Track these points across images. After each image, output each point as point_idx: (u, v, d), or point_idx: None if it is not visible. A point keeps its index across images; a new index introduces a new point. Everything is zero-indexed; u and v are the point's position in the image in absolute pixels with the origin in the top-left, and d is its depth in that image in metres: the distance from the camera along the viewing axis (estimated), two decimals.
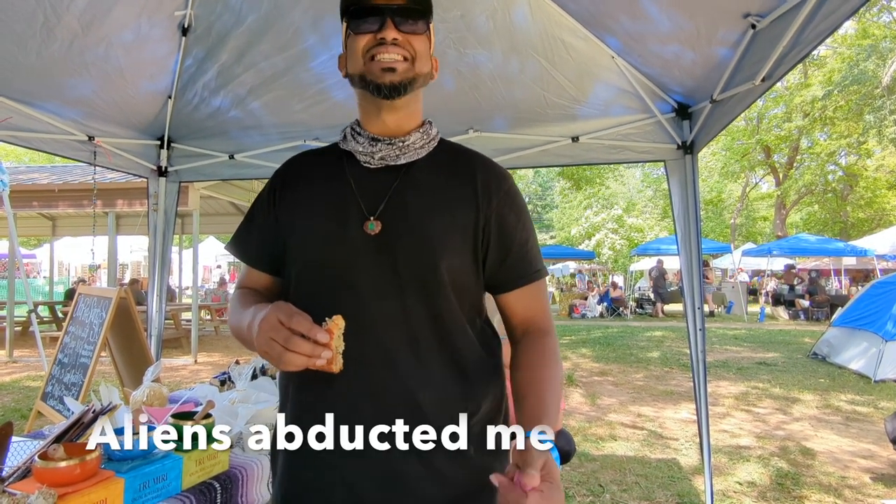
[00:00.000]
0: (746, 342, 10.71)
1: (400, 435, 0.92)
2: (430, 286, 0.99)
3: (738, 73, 2.31)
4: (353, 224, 1.00)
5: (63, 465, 1.33)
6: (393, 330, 0.98)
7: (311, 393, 1.01)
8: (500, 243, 1.05)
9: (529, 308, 1.08)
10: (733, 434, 4.89)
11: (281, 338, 0.81)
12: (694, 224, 3.07)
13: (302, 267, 1.04)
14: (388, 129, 1.05)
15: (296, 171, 1.13)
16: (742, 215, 28.04)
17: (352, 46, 1.02)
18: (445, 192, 1.04)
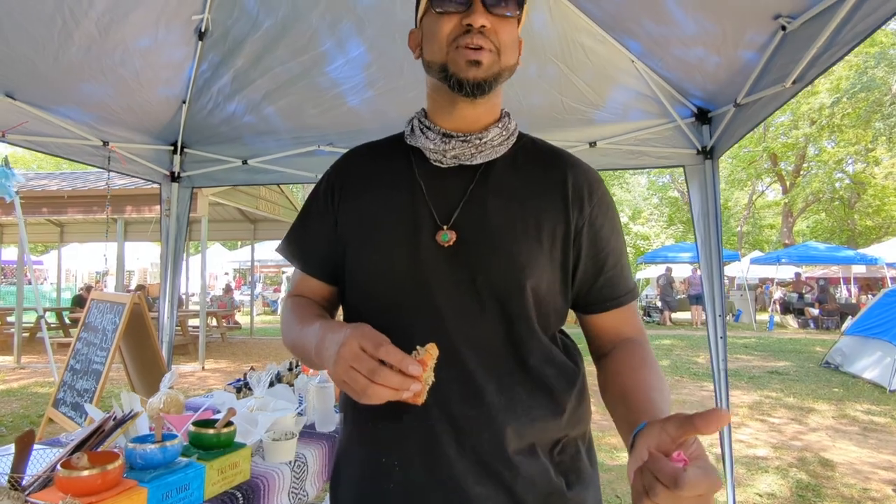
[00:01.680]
0: (757, 351, 10.60)
1: (478, 468, 0.84)
2: (512, 307, 0.88)
3: (764, 77, 2.27)
4: (424, 234, 0.89)
5: (86, 473, 1.29)
6: (470, 354, 0.86)
7: (382, 422, 0.90)
8: (592, 260, 0.93)
9: (621, 329, 0.97)
10: (749, 444, 4.81)
11: (366, 369, 0.70)
12: (714, 230, 3.03)
13: (366, 281, 0.93)
14: (464, 125, 0.92)
15: (357, 168, 1.00)
16: (749, 223, 27.93)
17: (432, 28, 0.88)
18: (530, 197, 0.91)
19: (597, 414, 4.06)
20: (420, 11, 0.93)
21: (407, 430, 0.87)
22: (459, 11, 0.85)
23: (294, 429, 1.99)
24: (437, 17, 0.87)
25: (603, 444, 4.68)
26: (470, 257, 0.88)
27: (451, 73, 0.86)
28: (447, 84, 0.88)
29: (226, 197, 8.91)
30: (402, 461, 0.87)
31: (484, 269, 0.87)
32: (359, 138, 3.53)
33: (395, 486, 0.87)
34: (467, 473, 0.84)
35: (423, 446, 0.86)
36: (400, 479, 0.87)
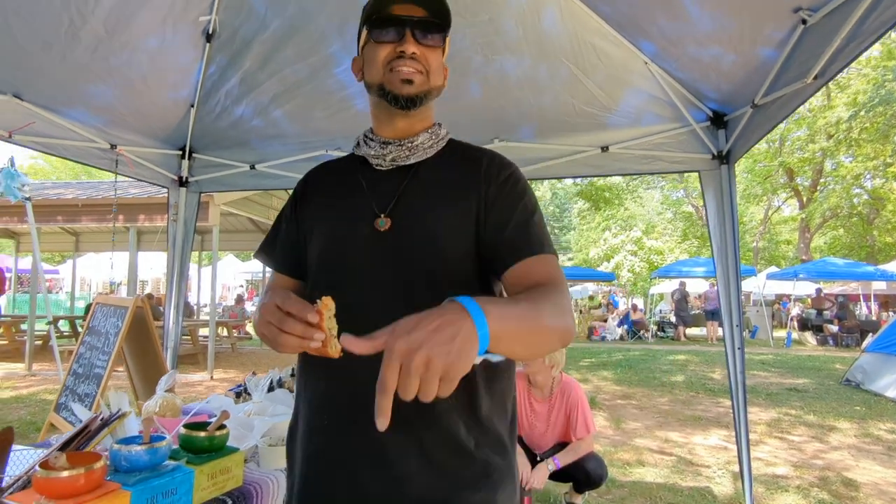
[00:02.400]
0: (774, 367, 10.33)
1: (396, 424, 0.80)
2: (437, 278, 0.99)
3: (783, 74, 2.19)
4: (365, 222, 1.03)
5: (65, 474, 1.23)
6: None
7: (322, 384, 1.03)
8: (496, 223, 1.02)
9: (533, 277, 0.96)
10: (768, 462, 4.62)
11: (276, 320, 0.82)
12: (731, 238, 2.93)
13: (316, 264, 1.08)
14: (399, 133, 1.09)
15: (314, 180, 1.19)
16: (765, 238, 27.52)
17: (371, 55, 1.05)
18: (451, 185, 1.06)
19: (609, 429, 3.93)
20: (361, 42, 1.10)
21: (337, 390, 1.00)
22: (394, 41, 1.02)
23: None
24: (376, 46, 1.04)
25: (615, 460, 4.53)
26: (402, 238, 1.01)
27: (388, 91, 1.03)
28: (385, 100, 1.04)
29: (237, 207, 8.94)
30: (330, 415, 1.00)
31: (411, 246, 1.01)
32: None
33: (326, 435, 1.01)
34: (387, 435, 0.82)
35: (350, 404, 0.97)
36: (330, 430, 1.00)
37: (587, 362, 10.71)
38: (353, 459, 0.97)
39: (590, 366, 10.20)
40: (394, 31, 1.02)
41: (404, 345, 0.63)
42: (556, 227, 42.95)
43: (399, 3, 1.02)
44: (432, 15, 1.03)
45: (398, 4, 1.02)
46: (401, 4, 1.02)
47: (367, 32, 1.06)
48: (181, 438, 1.60)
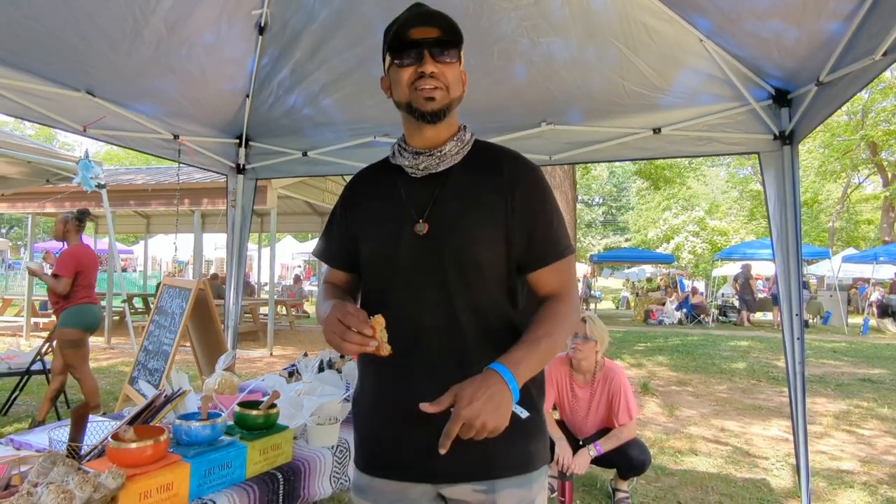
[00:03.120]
0: (847, 356, 9.74)
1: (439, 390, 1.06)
2: (469, 275, 1.16)
3: (851, 50, 2.04)
4: (406, 227, 1.19)
5: (134, 446, 1.35)
6: (440, 314, 1.16)
7: (377, 369, 1.22)
8: (525, 227, 1.19)
9: (553, 284, 1.22)
10: (833, 456, 4.41)
11: (339, 331, 1.05)
12: (792, 223, 2.78)
13: (368, 265, 1.26)
14: (428, 142, 1.21)
15: (360, 186, 1.36)
16: (842, 218, 25.72)
17: (396, 77, 1.18)
18: (478, 190, 1.20)
19: (661, 416, 3.86)
20: (386, 64, 1.23)
21: (398, 371, 1.19)
22: (414, 63, 1.15)
23: (339, 414, 2.02)
24: (398, 69, 1.17)
25: (667, 448, 4.46)
26: (439, 241, 1.17)
27: (415, 108, 1.16)
28: (413, 116, 1.18)
29: (294, 190, 9.24)
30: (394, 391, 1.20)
31: (447, 248, 1.16)
32: None
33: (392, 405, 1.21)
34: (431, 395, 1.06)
35: (407, 381, 1.18)
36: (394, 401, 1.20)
37: (642, 347, 10.47)
38: (412, 420, 1.12)
39: (645, 350, 9.97)
40: (413, 54, 1.14)
41: (468, 413, 0.95)
42: (614, 206, 41.77)
43: (415, 27, 1.14)
44: (445, 34, 1.15)
45: (414, 28, 1.14)
46: (417, 28, 1.14)
47: (390, 57, 1.19)
48: (236, 416, 1.71)
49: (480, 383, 1.00)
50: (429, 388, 1.09)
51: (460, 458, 1.11)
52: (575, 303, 1.23)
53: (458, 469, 1.15)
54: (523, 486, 1.18)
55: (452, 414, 0.97)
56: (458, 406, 0.96)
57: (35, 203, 9.01)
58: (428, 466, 1.16)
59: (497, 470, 1.16)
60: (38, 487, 1.21)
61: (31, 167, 5.35)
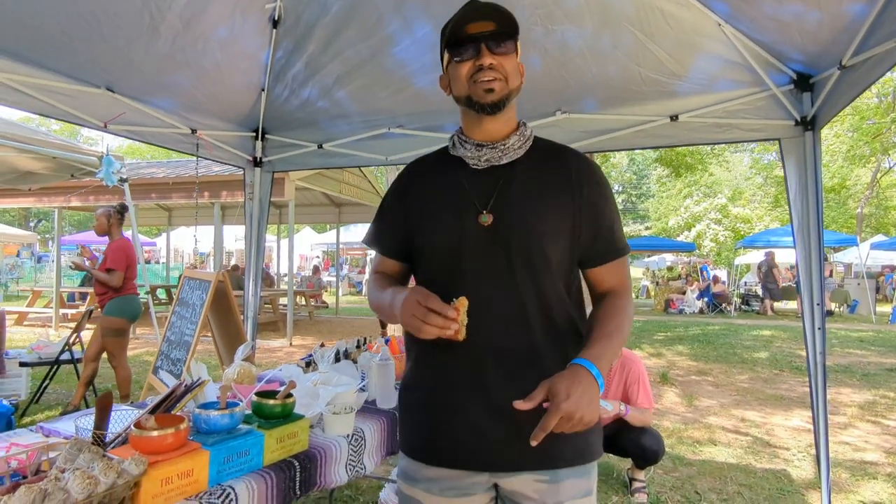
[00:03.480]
0: (874, 346, 9.53)
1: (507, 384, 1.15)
2: (536, 266, 1.18)
3: (875, 32, 1.98)
4: (470, 218, 1.20)
5: (155, 434, 1.39)
6: (506, 303, 1.18)
7: (438, 354, 1.22)
8: (591, 225, 1.22)
9: (613, 280, 1.27)
10: (856, 447, 4.34)
11: (420, 314, 1.07)
12: (814, 211, 2.72)
13: (429, 255, 1.26)
14: (490, 136, 1.23)
15: (416, 175, 1.35)
16: (871, 204, 25.01)
17: (455, 73, 1.20)
18: (544, 184, 1.22)
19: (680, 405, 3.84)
20: (445, 62, 1.25)
21: (459, 358, 1.19)
22: (472, 57, 1.17)
23: (354, 403, 2.05)
24: (457, 64, 1.19)
25: (685, 438, 4.43)
26: (503, 231, 1.18)
27: (475, 101, 1.18)
28: (473, 109, 1.20)
29: (311, 181, 9.31)
30: (454, 378, 1.20)
31: (514, 238, 1.18)
32: (428, 120, 3.53)
33: (450, 393, 1.21)
34: (499, 388, 1.15)
35: (469, 369, 1.19)
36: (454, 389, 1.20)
37: (661, 336, 10.38)
38: (472, 408, 1.18)
39: (664, 340, 9.88)
40: (471, 49, 1.17)
41: (568, 406, 0.99)
42: (634, 194, 41.21)
43: (472, 21, 1.16)
44: (501, 26, 1.16)
45: (471, 24, 1.16)
46: (473, 23, 1.16)
47: (449, 54, 1.21)
48: (253, 405, 1.75)
49: (573, 378, 1.03)
50: (496, 378, 1.15)
51: (524, 448, 1.11)
52: (632, 299, 1.28)
53: (521, 458, 1.16)
54: (583, 476, 1.20)
55: (551, 407, 1.00)
56: (557, 400, 1.00)
57: (61, 197, 9.24)
58: (489, 455, 1.17)
59: (560, 460, 1.17)
60: (65, 473, 1.26)
61: (56, 162, 5.48)
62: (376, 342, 2.68)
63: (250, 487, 1.53)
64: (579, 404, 0.99)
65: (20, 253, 26.57)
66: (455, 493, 1.21)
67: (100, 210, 4.56)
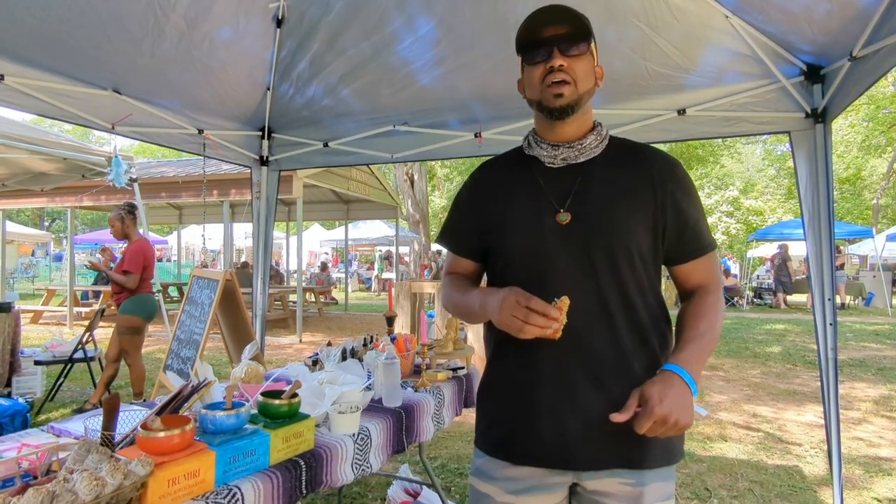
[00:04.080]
0: (890, 339, 9.40)
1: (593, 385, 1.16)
2: (619, 264, 1.17)
3: (886, 23, 1.94)
4: (548, 216, 1.20)
5: (162, 435, 1.41)
6: (589, 302, 1.17)
7: (526, 353, 1.20)
8: (676, 222, 1.22)
9: (701, 276, 1.27)
10: (871, 443, 4.29)
11: (521, 314, 1.07)
12: (825, 204, 2.68)
13: (509, 254, 1.25)
14: (563, 137, 1.23)
15: (490, 174, 1.35)
16: (887, 195, 24.61)
17: (529, 77, 1.21)
18: (624, 182, 1.21)
19: None
20: (520, 66, 1.26)
21: (544, 357, 1.19)
22: (544, 60, 1.17)
23: (360, 403, 2.05)
24: (530, 69, 1.21)
25: (695, 434, 4.40)
26: (583, 230, 1.18)
27: (544, 106, 1.19)
28: (543, 114, 1.21)
29: (319, 179, 9.34)
30: (539, 376, 1.19)
31: (595, 237, 1.17)
32: (432, 116, 3.51)
33: (535, 391, 1.20)
34: (585, 386, 1.16)
35: (554, 367, 1.19)
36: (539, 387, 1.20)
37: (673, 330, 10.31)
38: (559, 406, 1.18)
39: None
40: (543, 52, 1.17)
41: (662, 411, 1.01)
42: None
43: (545, 25, 1.17)
44: (574, 28, 1.17)
45: (544, 27, 1.17)
46: (546, 27, 1.17)
47: (522, 58, 1.23)
48: (259, 405, 1.76)
49: (665, 383, 1.04)
50: (581, 378, 1.16)
51: (608, 447, 1.14)
52: (722, 295, 1.27)
53: (608, 458, 1.16)
54: (666, 479, 1.20)
55: (644, 411, 1.02)
56: (650, 404, 1.01)
57: (73, 197, 9.34)
58: (576, 454, 1.16)
59: (647, 461, 1.16)
60: (73, 474, 1.28)
61: (67, 163, 5.55)
62: (382, 341, 2.69)
63: (256, 487, 1.54)
64: (672, 408, 1.00)
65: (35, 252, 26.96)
66: (533, 492, 1.21)
67: (111, 215, 4.63)
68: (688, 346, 1.14)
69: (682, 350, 1.13)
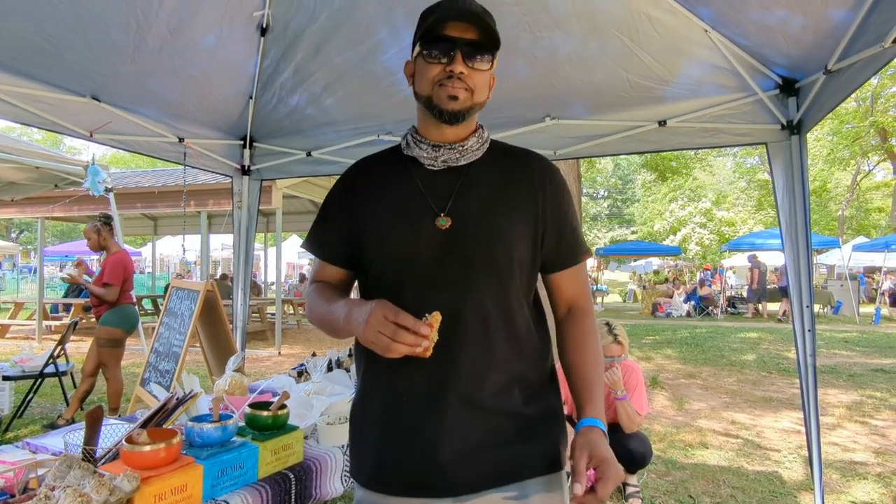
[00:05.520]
0: (859, 346, 9.67)
1: (470, 402, 1.08)
2: (500, 272, 1.11)
3: (859, 38, 2.01)
4: (426, 221, 1.11)
5: (147, 449, 1.37)
6: (467, 312, 1.08)
7: (395, 371, 1.10)
8: (555, 228, 1.18)
9: (575, 286, 1.23)
10: (846, 448, 4.38)
11: (388, 331, 0.95)
12: (801, 214, 2.75)
13: (381, 261, 1.14)
14: (446, 138, 1.15)
15: (365, 174, 1.23)
16: (852, 206, 25.47)
17: (422, 70, 1.11)
18: (506, 186, 1.16)
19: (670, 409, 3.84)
20: (414, 52, 1.15)
21: (415, 374, 1.08)
22: (443, 62, 1.08)
23: (348, 413, 2.02)
24: (426, 64, 1.10)
25: (676, 442, 4.45)
26: (464, 236, 1.10)
27: (435, 105, 1.10)
28: (431, 112, 1.11)
29: (299, 189, 9.26)
30: (409, 396, 1.10)
31: (475, 243, 1.10)
32: None
33: (405, 413, 1.10)
34: (456, 405, 1.07)
35: (425, 387, 1.09)
36: (409, 408, 1.10)
37: (650, 340, 10.44)
38: (430, 428, 1.08)
39: (652, 343, 9.94)
40: (445, 51, 1.08)
41: (618, 476, 0.98)
42: (619, 199, 41.53)
43: (453, 21, 1.07)
44: (483, 38, 1.08)
45: (452, 23, 1.07)
46: (454, 23, 1.07)
47: (420, 47, 1.11)
48: (247, 417, 1.72)
49: (603, 444, 1.01)
50: (453, 393, 1.06)
51: (486, 464, 1.07)
52: (594, 312, 1.25)
53: (485, 475, 1.08)
54: (554, 489, 1.13)
55: (607, 481, 0.96)
56: (609, 473, 0.97)
57: (44, 207, 9.09)
58: (452, 477, 1.07)
59: (525, 469, 1.10)
60: (55, 491, 1.23)
61: (39, 173, 5.40)
62: None
63: (245, 501, 1.50)
64: (615, 476, 0.97)
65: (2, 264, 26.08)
66: None
67: (87, 227, 4.53)
68: (592, 391, 1.10)
69: (592, 398, 1.09)
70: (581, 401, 1.10)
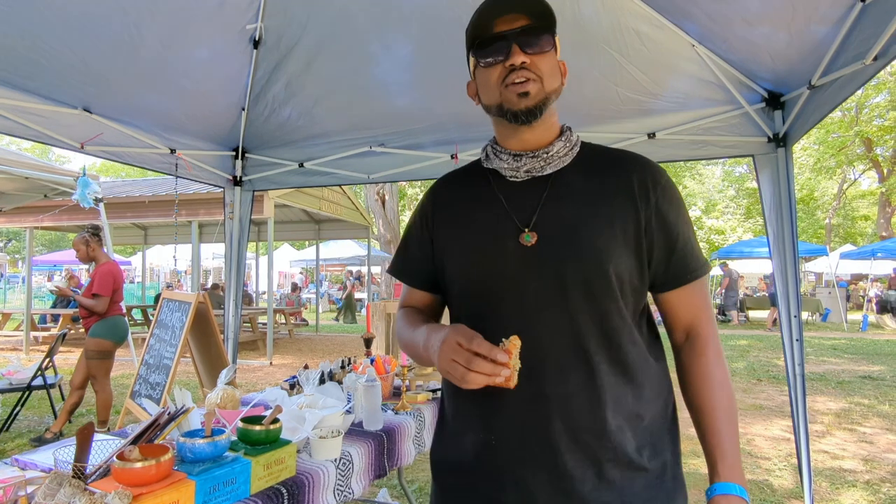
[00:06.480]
0: (847, 353, 9.77)
1: (571, 443, 0.95)
2: (594, 292, 0.98)
3: (842, 54, 2.06)
4: (510, 238, 1.01)
5: (139, 465, 1.36)
6: (560, 339, 0.98)
7: (481, 404, 1.02)
8: (664, 241, 1.02)
9: (692, 308, 1.07)
10: (835, 455, 4.42)
11: (463, 359, 0.87)
12: (788, 224, 2.80)
13: (464, 284, 1.08)
14: (528, 145, 1.05)
15: (444, 193, 1.18)
16: (839, 215, 25.81)
17: (484, 79, 1.03)
18: (599, 195, 1.02)
19: None
20: (471, 66, 1.08)
21: (505, 409, 0.98)
22: (501, 60, 0.99)
23: (341, 427, 2.02)
24: (486, 70, 1.02)
25: None
26: (552, 252, 0.99)
27: (507, 109, 1.00)
28: (505, 118, 1.02)
29: (290, 198, 9.25)
30: (499, 437, 0.99)
31: (565, 260, 0.98)
32: (408, 138, 3.54)
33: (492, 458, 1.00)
34: (560, 443, 0.95)
35: (516, 425, 0.98)
36: (497, 453, 1.00)
37: None
38: (523, 468, 0.98)
39: None
40: (500, 49, 0.98)
41: None
42: None
43: (499, 16, 0.99)
44: (535, 20, 0.98)
45: (500, 18, 0.98)
46: (501, 18, 0.98)
47: (475, 58, 1.04)
48: (239, 431, 1.71)
49: None
50: (553, 434, 0.95)
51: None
52: (718, 337, 1.07)
53: None
54: None
55: None
56: None
57: (33, 217, 9.01)
58: None
59: None
60: None
61: (29, 182, 5.36)
62: (362, 363, 2.66)
63: None
64: None
65: None
66: None
67: (76, 238, 4.51)
68: (724, 442, 0.95)
69: (724, 454, 0.94)
70: (711, 457, 0.95)
